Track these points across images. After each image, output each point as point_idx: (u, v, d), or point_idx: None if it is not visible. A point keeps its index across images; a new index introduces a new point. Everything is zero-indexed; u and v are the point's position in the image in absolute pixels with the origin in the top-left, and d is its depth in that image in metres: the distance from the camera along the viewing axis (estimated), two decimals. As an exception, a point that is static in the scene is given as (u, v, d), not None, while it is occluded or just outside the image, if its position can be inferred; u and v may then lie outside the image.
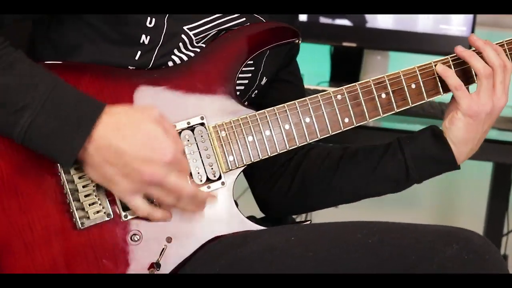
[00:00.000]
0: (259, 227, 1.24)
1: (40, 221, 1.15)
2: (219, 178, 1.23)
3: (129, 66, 1.23)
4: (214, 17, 1.26)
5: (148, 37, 1.22)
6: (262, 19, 1.31)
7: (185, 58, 1.25)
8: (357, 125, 1.28)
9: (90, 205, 1.16)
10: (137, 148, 1.10)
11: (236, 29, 1.27)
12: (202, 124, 1.23)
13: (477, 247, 1.12)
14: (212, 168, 1.23)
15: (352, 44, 2.37)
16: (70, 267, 1.16)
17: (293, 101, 1.26)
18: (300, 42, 1.32)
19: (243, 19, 1.28)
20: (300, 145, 1.27)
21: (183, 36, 1.24)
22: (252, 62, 1.33)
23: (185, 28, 1.24)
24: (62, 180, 1.16)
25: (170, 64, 1.25)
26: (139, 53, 1.22)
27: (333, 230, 1.19)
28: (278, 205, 1.42)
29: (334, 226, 1.20)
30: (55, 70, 1.15)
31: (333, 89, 1.29)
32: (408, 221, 1.20)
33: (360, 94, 1.28)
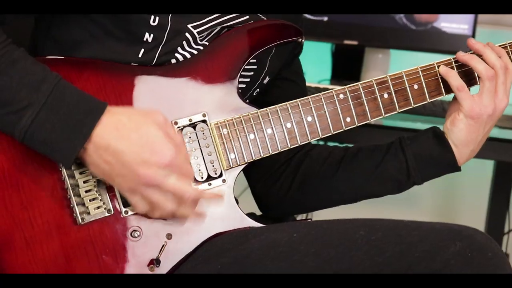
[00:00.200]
0: (260, 225, 1.24)
1: (41, 216, 1.15)
2: (220, 175, 1.23)
3: (132, 64, 1.22)
4: (218, 15, 1.26)
5: (152, 35, 1.22)
6: (265, 18, 1.31)
7: (188, 56, 1.25)
8: (359, 124, 1.28)
9: (90, 200, 1.16)
10: (135, 149, 1.10)
11: (239, 27, 1.27)
12: (204, 121, 1.23)
13: (480, 245, 1.12)
14: (213, 166, 1.23)
15: (354, 42, 2.37)
16: (70, 262, 1.16)
17: (295, 100, 1.26)
18: (303, 41, 1.32)
19: (246, 17, 1.28)
20: (301, 144, 1.27)
21: (187, 34, 1.24)
22: (255, 61, 1.33)
23: (189, 26, 1.24)
24: (63, 175, 1.16)
25: (173, 61, 1.24)
26: (142, 50, 1.22)
27: (335, 227, 1.18)
28: (277, 204, 1.42)
29: (336, 223, 1.20)
30: (58, 65, 1.15)
31: (334, 87, 1.29)
32: (410, 219, 1.20)
33: (362, 93, 1.28)
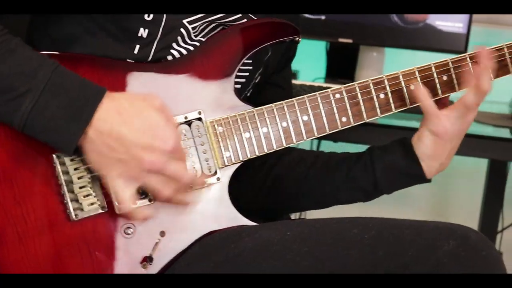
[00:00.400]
0: (253, 223, 1.24)
1: (35, 212, 1.14)
2: (215, 173, 1.23)
3: (128, 60, 1.22)
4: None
5: (147, 31, 1.22)
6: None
7: (184, 51, 1.25)
8: (354, 124, 1.28)
9: (84, 196, 1.16)
10: (139, 134, 1.10)
11: (236, 24, 1.27)
12: (200, 119, 1.22)
13: (474, 244, 1.12)
14: (208, 164, 1.23)
15: (348, 40, 2.37)
16: (64, 258, 1.15)
17: (291, 99, 1.26)
18: (299, 40, 1.32)
19: (241, 15, 1.28)
20: (297, 143, 1.27)
21: (181, 29, 1.23)
22: (251, 61, 1.33)
23: (185, 21, 1.23)
24: (57, 171, 1.15)
25: (169, 58, 1.24)
26: (138, 46, 1.22)
27: (329, 225, 1.18)
28: (248, 206, 1.39)
29: (330, 221, 1.20)
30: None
31: (329, 86, 1.29)
32: (404, 218, 1.20)
33: (358, 93, 1.28)
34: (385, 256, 1.12)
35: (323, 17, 2.34)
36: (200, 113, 1.22)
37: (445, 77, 1.30)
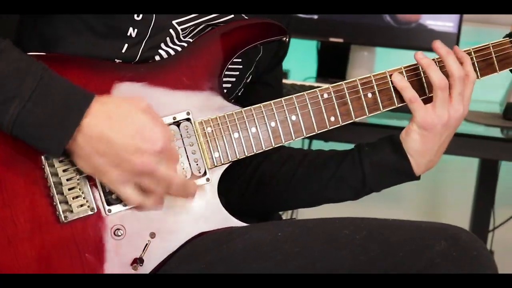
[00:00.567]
0: (244, 224, 1.24)
1: (24, 214, 1.14)
2: (204, 174, 1.23)
3: (115, 59, 1.22)
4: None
5: (136, 30, 1.22)
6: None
7: (172, 52, 1.25)
8: (343, 124, 1.28)
9: (73, 198, 1.16)
10: (128, 138, 1.10)
11: (224, 25, 1.27)
12: (188, 120, 1.22)
13: (465, 244, 1.12)
14: (197, 164, 1.23)
15: (339, 40, 2.37)
16: (53, 260, 1.15)
17: (279, 99, 1.26)
18: (288, 40, 1.32)
19: (231, 15, 1.28)
20: (286, 143, 1.27)
21: (170, 30, 1.23)
22: (241, 61, 1.33)
23: (174, 22, 1.23)
24: (45, 173, 1.15)
25: (157, 58, 1.24)
26: (126, 46, 1.22)
27: (320, 226, 1.18)
28: (236, 205, 1.39)
29: (321, 222, 1.19)
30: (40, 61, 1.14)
31: (320, 85, 1.29)
32: (394, 217, 1.20)
33: (346, 93, 1.28)
34: (376, 257, 1.12)
35: (315, 17, 2.34)
36: (188, 113, 1.22)
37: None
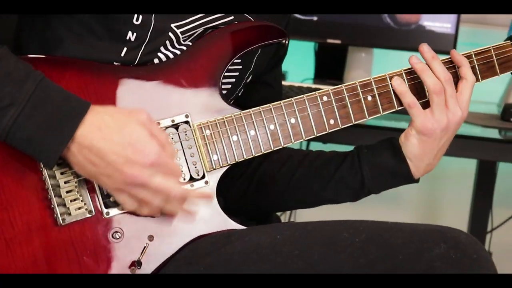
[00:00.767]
0: (243, 227, 1.24)
1: (22, 217, 1.14)
2: (203, 177, 1.23)
3: (114, 62, 1.22)
4: (202, 15, 1.25)
5: (135, 34, 1.21)
6: (251, 19, 1.30)
7: (171, 56, 1.24)
8: (342, 127, 1.28)
9: (71, 201, 1.16)
10: (118, 149, 1.10)
11: (222, 28, 1.27)
12: (187, 122, 1.22)
13: (465, 246, 1.12)
14: (195, 167, 1.22)
15: (337, 41, 2.37)
16: (51, 263, 1.15)
17: (278, 102, 1.25)
18: (287, 42, 1.31)
19: (231, 17, 1.27)
20: (285, 146, 1.26)
21: (170, 34, 1.23)
22: (240, 61, 1.32)
23: (173, 26, 1.23)
24: (43, 175, 1.15)
25: (156, 61, 1.24)
26: (125, 49, 1.22)
27: (319, 228, 1.18)
28: (236, 205, 1.40)
29: (320, 224, 1.19)
30: (39, 65, 1.14)
31: (317, 87, 1.29)
32: (392, 219, 1.20)
33: (346, 96, 1.28)
34: (375, 260, 1.12)
35: (314, 18, 2.34)
36: (187, 116, 1.22)
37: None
